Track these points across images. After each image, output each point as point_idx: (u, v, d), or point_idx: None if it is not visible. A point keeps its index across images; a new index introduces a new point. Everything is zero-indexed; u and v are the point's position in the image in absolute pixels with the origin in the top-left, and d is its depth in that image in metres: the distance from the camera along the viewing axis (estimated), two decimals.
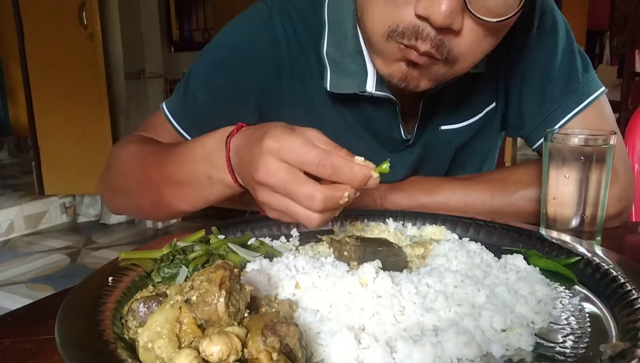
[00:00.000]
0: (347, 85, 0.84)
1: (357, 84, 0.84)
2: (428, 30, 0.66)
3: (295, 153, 0.55)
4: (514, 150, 4.37)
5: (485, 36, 0.69)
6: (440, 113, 0.93)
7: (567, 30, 0.91)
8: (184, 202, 0.75)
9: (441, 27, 0.65)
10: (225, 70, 0.90)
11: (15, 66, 4.68)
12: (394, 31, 0.68)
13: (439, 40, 0.67)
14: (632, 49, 4.26)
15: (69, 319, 0.47)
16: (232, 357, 0.38)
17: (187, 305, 0.43)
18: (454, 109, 0.93)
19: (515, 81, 0.92)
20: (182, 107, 0.92)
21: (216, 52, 0.92)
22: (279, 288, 0.53)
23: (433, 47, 0.67)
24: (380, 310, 0.49)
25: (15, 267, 3.27)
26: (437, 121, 0.93)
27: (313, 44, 0.87)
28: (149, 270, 0.60)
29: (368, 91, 0.83)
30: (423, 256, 0.65)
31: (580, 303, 0.55)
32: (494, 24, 0.66)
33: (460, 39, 0.68)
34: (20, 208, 3.91)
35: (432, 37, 0.67)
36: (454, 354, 0.44)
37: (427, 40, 0.67)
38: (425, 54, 0.68)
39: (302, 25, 0.88)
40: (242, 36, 0.90)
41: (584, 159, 0.71)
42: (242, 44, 0.89)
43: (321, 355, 0.44)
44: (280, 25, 0.88)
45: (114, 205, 0.94)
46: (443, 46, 0.67)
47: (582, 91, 0.88)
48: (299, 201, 0.56)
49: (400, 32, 0.68)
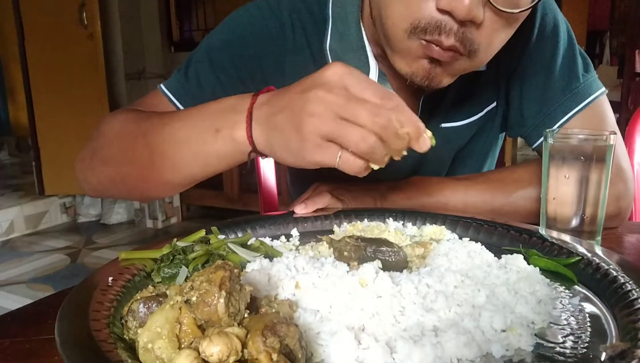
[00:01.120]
0: None
1: None
2: (451, 24, 0.66)
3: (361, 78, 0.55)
4: (514, 150, 4.37)
5: (503, 28, 0.70)
6: (440, 111, 0.93)
7: (568, 31, 0.91)
8: (176, 168, 0.70)
9: (464, 21, 0.65)
10: (231, 52, 0.88)
11: (15, 66, 4.68)
12: (416, 27, 0.68)
13: (462, 34, 0.67)
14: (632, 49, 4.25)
15: (69, 319, 0.47)
16: (232, 357, 0.38)
17: (187, 306, 0.43)
18: (455, 108, 0.93)
19: (517, 81, 0.92)
20: (184, 87, 0.89)
21: (221, 36, 0.91)
22: (279, 288, 0.53)
23: (457, 41, 0.67)
24: (380, 310, 0.49)
25: (15, 267, 3.27)
26: (438, 118, 0.94)
27: (318, 37, 0.88)
28: (149, 270, 0.60)
29: None
30: (423, 256, 0.65)
31: (580, 303, 0.55)
32: (513, 15, 0.67)
33: (481, 31, 0.68)
34: (20, 208, 3.91)
35: (455, 30, 0.66)
36: (454, 354, 0.44)
37: (450, 35, 0.67)
38: (449, 49, 0.68)
39: (309, 18, 0.89)
40: (249, 22, 0.89)
41: (583, 159, 0.71)
42: (249, 29, 0.89)
43: (321, 355, 0.44)
44: (288, 16, 0.88)
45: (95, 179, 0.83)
46: (466, 39, 0.67)
47: (583, 91, 0.88)
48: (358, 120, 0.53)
49: (422, 28, 0.67)
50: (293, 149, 0.58)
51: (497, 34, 0.70)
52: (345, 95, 0.54)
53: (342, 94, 0.55)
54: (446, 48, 0.68)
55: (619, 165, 0.85)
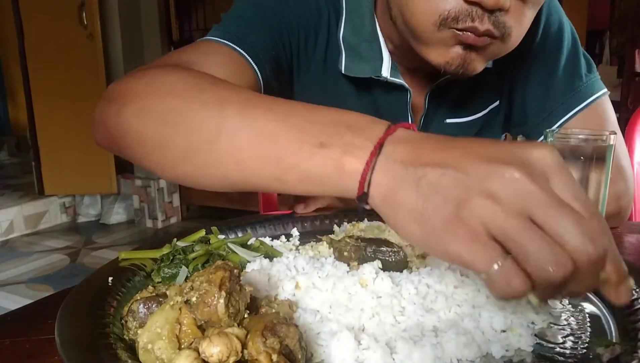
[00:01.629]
0: (363, 69, 0.86)
1: (373, 69, 0.85)
2: (480, 12, 0.67)
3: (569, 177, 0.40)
4: None
5: (529, 9, 0.70)
6: (445, 106, 0.94)
7: (572, 32, 0.92)
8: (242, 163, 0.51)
9: (493, 10, 0.66)
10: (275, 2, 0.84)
11: (15, 66, 4.68)
12: (446, 18, 0.68)
13: (495, 17, 0.67)
14: (632, 49, 4.25)
15: (69, 319, 0.47)
16: (231, 358, 0.38)
17: (187, 306, 0.43)
18: (460, 103, 0.94)
19: (520, 79, 0.93)
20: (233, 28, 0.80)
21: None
22: (279, 288, 0.53)
23: (492, 24, 0.68)
24: (380, 310, 0.49)
25: (15, 267, 3.26)
26: (443, 113, 0.94)
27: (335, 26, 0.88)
28: (149, 270, 0.60)
29: (383, 75, 0.85)
30: (423, 256, 0.65)
31: (580, 303, 0.55)
32: None
33: (510, 14, 0.68)
34: (20, 208, 3.91)
35: (487, 15, 0.67)
36: (453, 355, 0.44)
37: (484, 20, 0.67)
38: (485, 34, 0.68)
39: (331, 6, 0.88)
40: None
41: (583, 159, 0.71)
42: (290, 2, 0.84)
43: (321, 355, 0.44)
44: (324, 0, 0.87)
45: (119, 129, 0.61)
46: (499, 22, 0.68)
47: (585, 90, 0.89)
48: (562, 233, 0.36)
49: (453, 18, 0.67)
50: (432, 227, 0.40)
51: (525, 16, 0.71)
52: (549, 191, 0.38)
53: (545, 188, 0.38)
54: (481, 33, 0.68)
55: (619, 164, 0.85)
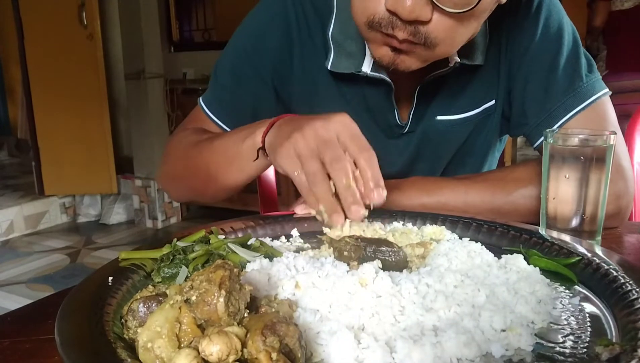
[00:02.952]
0: (346, 65, 0.91)
1: (355, 65, 0.90)
2: (399, 22, 0.71)
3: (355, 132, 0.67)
4: (513, 150, 4.37)
5: (459, 24, 0.73)
6: (436, 102, 0.95)
7: (573, 32, 0.92)
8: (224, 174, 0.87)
9: (408, 21, 0.69)
10: (246, 55, 0.98)
11: (15, 66, 4.69)
12: (372, 21, 0.74)
13: (414, 28, 0.71)
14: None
15: (69, 319, 0.47)
16: (231, 356, 0.38)
17: (187, 305, 0.43)
18: (451, 100, 0.95)
19: (519, 80, 0.93)
20: (214, 97, 1.02)
21: (238, 41, 1.00)
22: (279, 288, 0.53)
23: (410, 35, 0.72)
24: (380, 310, 0.49)
25: (15, 267, 3.27)
26: (433, 110, 0.95)
27: (321, 27, 0.94)
28: (149, 270, 0.60)
29: (364, 71, 0.90)
30: (423, 256, 0.65)
31: (580, 303, 0.55)
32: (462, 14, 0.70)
33: (433, 26, 0.71)
34: (20, 208, 3.91)
35: (406, 26, 0.71)
36: (453, 354, 0.44)
37: (402, 30, 0.71)
38: (404, 41, 0.73)
39: (312, 9, 0.95)
40: (260, 22, 0.98)
41: (583, 159, 0.71)
42: (259, 29, 0.98)
43: (321, 355, 0.44)
44: (293, 10, 0.95)
45: (175, 193, 1.08)
46: (419, 32, 0.72)
47: (585, 90, 0.88)
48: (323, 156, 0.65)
49: (377, 22, 0.73)
50: (275, 148, 0.71)
51: (454, 29, 0.73)
52: (332, 137, 0.66)
53: (331, 135, 0.66)
54: (401, 41, 0.73)
55: (619, 164, 0.85)
